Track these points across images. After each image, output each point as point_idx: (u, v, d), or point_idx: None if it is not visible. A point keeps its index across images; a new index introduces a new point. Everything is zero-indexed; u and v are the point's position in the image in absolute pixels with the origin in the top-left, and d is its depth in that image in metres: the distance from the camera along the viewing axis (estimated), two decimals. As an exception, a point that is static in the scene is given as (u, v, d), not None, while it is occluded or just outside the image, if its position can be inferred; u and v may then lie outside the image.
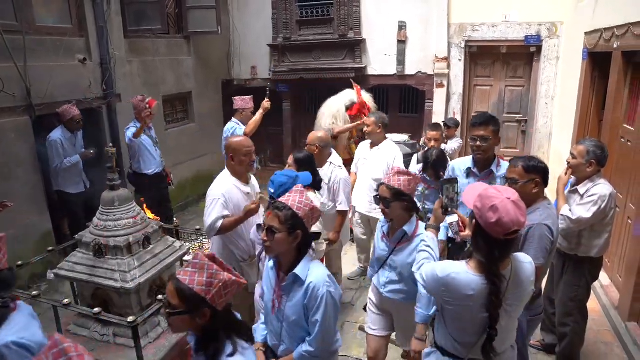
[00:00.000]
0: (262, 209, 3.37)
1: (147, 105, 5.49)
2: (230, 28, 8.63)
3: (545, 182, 2.71)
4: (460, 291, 1.93)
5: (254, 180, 3.70)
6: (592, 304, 4.22)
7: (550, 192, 3.77)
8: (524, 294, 1.99)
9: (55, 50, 5.27)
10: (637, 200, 3.99)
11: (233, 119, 5.92)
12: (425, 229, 2.54)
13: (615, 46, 4.55)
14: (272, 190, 3.01)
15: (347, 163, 4.95)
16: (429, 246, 2.31)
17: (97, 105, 5.76)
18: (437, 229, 2.46)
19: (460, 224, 2.44)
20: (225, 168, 3.50)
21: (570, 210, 3.22)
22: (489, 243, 1.88)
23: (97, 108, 5.70)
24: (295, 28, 8.16)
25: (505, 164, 3.26)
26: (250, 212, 3.26)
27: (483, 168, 3.39)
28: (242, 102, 5.91)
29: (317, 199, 3.99)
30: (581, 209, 3.17)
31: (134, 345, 2.99)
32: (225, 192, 3.30)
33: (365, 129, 4.91)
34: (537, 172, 2.67)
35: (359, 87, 6.18)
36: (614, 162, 4.76)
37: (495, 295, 1.87)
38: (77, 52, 5.59)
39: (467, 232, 2.19)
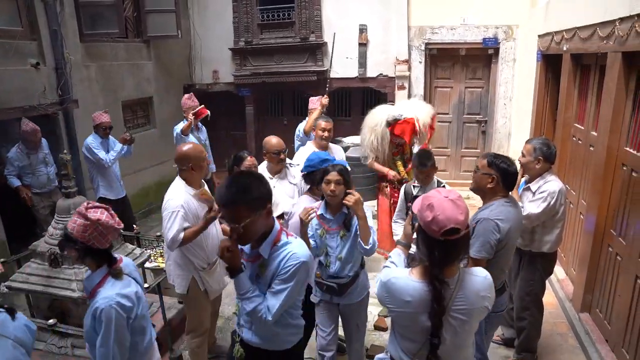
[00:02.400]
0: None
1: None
2: (191, 32, 8.54)
3: (504, 183, 2.73)
4: (399, 296, 1.87)
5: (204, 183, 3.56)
6: (548, 298, 4.37)
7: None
8: (472, 308, 1.87)
9: (4, 53, 5.08)
10: (588, 197, 4.15)
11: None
12: (396, 245, 2.46)
13: (564, 49, 4.73)
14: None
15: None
16: (393, 262, 2.25)
17: (52, 111, 5.59)
18: (407, 246, 2.33)
19: None
20: (177, 178, 3.33)
21: (522, 207, 3.33)
22: (429, 244, 1.83)
23: (52, 114, 5.54)
24: (257, 31, 8.14)
25: None
26: (210, 220, 3.19)
27: None
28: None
29: (291, 200, 3.98)
30: (532, 206, 3.29)
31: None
32: (184, 203, 3.15)
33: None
34: (496, 169, 2.72)
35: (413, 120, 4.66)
36: (566, 160, 4.95)
37: (436, 301, 1.80)
38: (29, 56, 5.41)
39: None
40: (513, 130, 7.62)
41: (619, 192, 3.59)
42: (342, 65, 8.06)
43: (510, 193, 2.83)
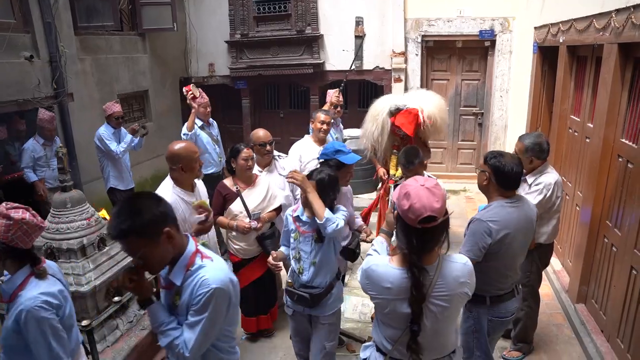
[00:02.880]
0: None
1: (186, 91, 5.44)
2: (186, 25, 8.48)
3: (498, 181, 2.64)
4: (379, 283, 1.89)
5: (200, 185, 3.49)
6: (545, 289, 4.40)
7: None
8: (452, 294, 1.88)
9: (-2, 46, 5.04)
10: (584, 188, 4.17)
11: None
12: (379, 233, 2.43)
13: (561, 40, 4.72)
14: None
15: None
16: (375, 250, 2.24)
17: (47, 104, 5.55)
18: (390, 235, 2.33)
19: None
20: (167, 177, 3.26)
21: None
22: (407, 232, 1.84)
23: (47, 108, 5.50)
24: (253, 24, 8.10)
25: None
26: (199, 232, 3.08)
27: None
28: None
29: (283, 192, 4.00)
30: (528, 198, 3.28)
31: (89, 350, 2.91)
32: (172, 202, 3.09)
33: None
34: (489, 166, 2.66)
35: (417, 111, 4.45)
36: (562, 151, 4.96)
37: (415, 288, 1.81)
38: (23, 49, 5.35)
39: None
40: (510, 123, 7.63)
41: (614, 183, 3.60)
42: (338, 57, 8.04)
43: (515, 192, 2.72)
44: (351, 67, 7.90)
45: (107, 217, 4.05)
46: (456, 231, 4.46)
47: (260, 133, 4.07)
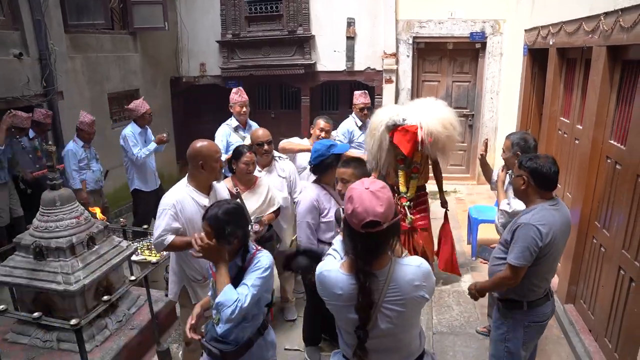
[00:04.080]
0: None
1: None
2: (177, 24, 8.45)
3: (537, 183, 2.56)
4: (330, 289, 1.83)
5: (220, 188, 3.27)
6: (534, 289, 4.42)
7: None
8: (406, 297, 1.79)
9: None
10: (574, 190, 4.20)
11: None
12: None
13: (551, 43, 4.77)
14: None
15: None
16: (335, 249, 2.15)
17: (36, 102, 5.50)
18: None
19: None
20: (185, 177, 3.07)
21: (508, 204, 3.35)
22: (352, 236, 1.77)
23: (36, 106, 5.45)
24: (244, 24, 8.09)
25: None
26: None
27: None
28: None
29: (281, 194, 3.97)
30: (517, 201, 3.27)
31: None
32: (177, 202, 2.90)
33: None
34: (525, 169, 2.58)
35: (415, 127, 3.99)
36: (552, 153, 4.99)
37: (362, 294, 1.74)
38: (12, 47, 5.30)
39: None
40: (500, 124, 7.69)
41: (603, 184, 3.64)
42: (329, 58, 8.05)
43: (554, 195, 2.66)
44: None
45: (101, 217, 4.02)
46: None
47: (259, 132, 4.03)
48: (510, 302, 2.71)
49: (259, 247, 2.46)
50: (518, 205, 3.23)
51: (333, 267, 1.89)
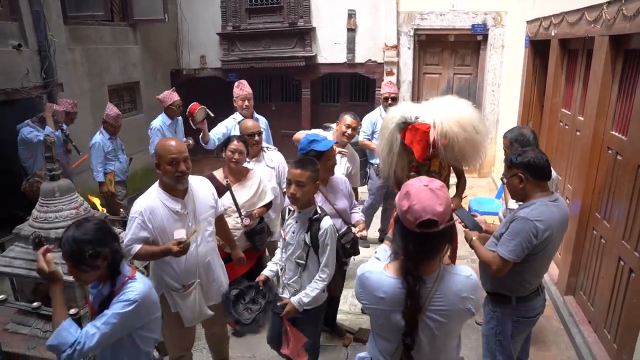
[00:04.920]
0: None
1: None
2: (178, 16, 8.41)
3: (534, 177, 2.51)
4: (372, 292, 1.74)
5: (200, 190, 2.90)
6: (534, 281, 4.42)
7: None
8: (451, 309, 1.71)
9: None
10: (574, 181, 4.19)
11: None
12: (385, 240, 2.28)
13: (552, 34, 4.74)
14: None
15: None
16: (377, 258, 2.09)
17: (36, 94, 5.49)
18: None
19: None
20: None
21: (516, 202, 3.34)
22: (404, 235, 1.68)
23: (36, 97, 5.44)
24: (245, 16, 8.05)
25: None
26: (166, 252, 2.61)
27: None
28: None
29: (269, 184, 3.98)
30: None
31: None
32: (145, 209, 2.67)
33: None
34: (517, 167, 2.54)
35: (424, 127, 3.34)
36: (553, 145, 4.98)
37: (410, 298, 1.66)
38: (11, 38, 5.28)
39: None
40: (501, 117, 7.67)
41: (604, 175, 3.62)
42: (330, 50, 8.02)
43: (553, 191, 2.62)
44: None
45: (100, 208, 4.01)
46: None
47: (249, 124, 4.07)
48: (499, 297, 2.69)
49: (134, 275, 2.12)
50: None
51: (376, 268, 1.80)
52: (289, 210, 2.99)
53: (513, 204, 3.29)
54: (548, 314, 4.18)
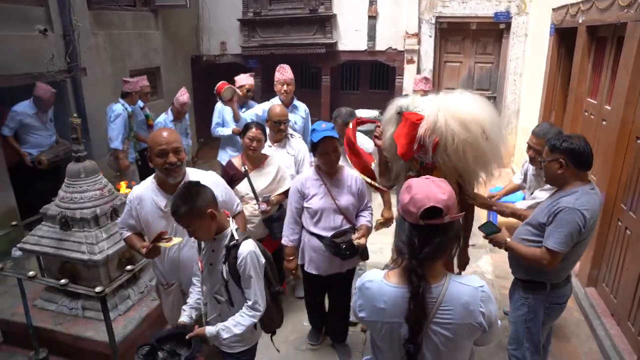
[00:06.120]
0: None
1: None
2: (199, 2, 8.43)
3: (575, 164, 2.42)
4: (372, 303, 1.63)
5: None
6: (555, 272, 4.38)
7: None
8: (458, 323, 1.57)
9: (12, 18, 5.02)
10: (599, 172, 4.12)
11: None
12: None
13: (580, 21, 4.64)
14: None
15: None
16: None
17: (60, 78, 5.56)
18: None
19: None
20: None
21: (532, 196, 3.32)
22: (407, 230, 1.57)
23: (61, 81, 5.51)
24: (266, 2, 8.02)
25: None
26: (138, 251, 2.64)
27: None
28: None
29: (288, 171, 3.97)
30: (543, 193, 3.18)
31: (103, 318, 2.95)
32: (135, 199, 2.62)
33: None
34: (560, 151, 2.43)
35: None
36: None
37: (414, 300, 1.53)
38: (37, 22, 5.34)
39: None
40: (522, 107, 7.55)
41: (631, 165, 3.56)
42: (351, 38, 7.97)
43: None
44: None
45: (124, 191, 4.06)
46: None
47: (277, 110, 3.96)
48: (533, 283, 2.67)
49: None
50: (543, 195, 3.12)
51: (376, 277, 1.67)
52: None
53: (538, 192, 3.26)
54: (569, 305, 4.11)
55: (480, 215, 5.39)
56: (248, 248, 2.24)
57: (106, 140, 5.54)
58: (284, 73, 4.81)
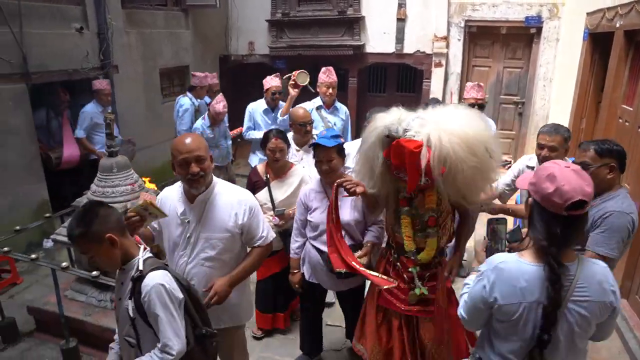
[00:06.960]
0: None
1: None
2: (228, 2, 8.51)
3: (621, 168, 2.43)
4: (511, 282, 1.62)
5: (220, 202, 2.45)
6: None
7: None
8: (595, 301, 1.60)
9: (51, 17, 5.18)
10: (633, 179, 4.03)
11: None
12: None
13: (617, 25, 4.55)
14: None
15: None
16: (467, 284, 1.94)
17: (94, 75, 5.69)
18: None
19: None
20: None
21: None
22: (548, 220, 1.58)
23: (94, 78, 5.63)
24: (294, 3, 8.05)
25: None
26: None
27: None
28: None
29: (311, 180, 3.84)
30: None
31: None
32: (162, 198, 2.56)
33: None
34: (611, 155, 2.40)
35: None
36: (611, 142, 4.79)
37: (553, 287, 1.55)
38: (74, 21, 5.49)
39: None
40: (551, 113, 7.41)
41: (668, 174, 3.47)
42: (379, 40, 7.94)
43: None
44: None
45: (152, 186, 4.12)
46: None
47: (300, 112, 3.83)
48: None
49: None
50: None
51: (510, 257, 1.69)
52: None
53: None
54: (599, 316, 4.06)
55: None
56: (154, 280, 1.88)
57: (137, 135, 5.65)
58: (330, 76, 4.82)
